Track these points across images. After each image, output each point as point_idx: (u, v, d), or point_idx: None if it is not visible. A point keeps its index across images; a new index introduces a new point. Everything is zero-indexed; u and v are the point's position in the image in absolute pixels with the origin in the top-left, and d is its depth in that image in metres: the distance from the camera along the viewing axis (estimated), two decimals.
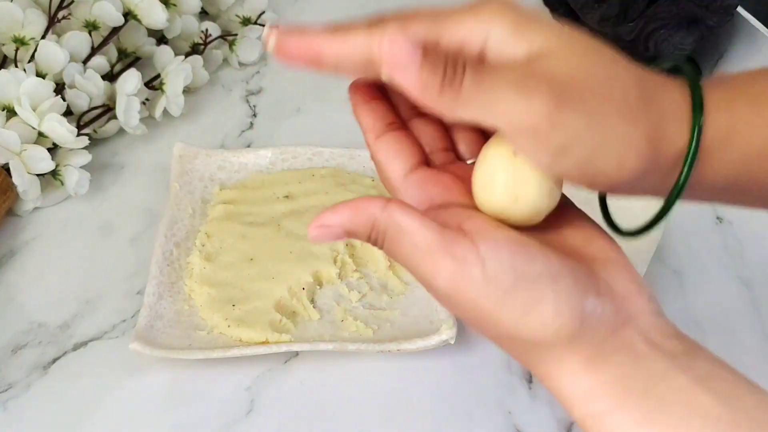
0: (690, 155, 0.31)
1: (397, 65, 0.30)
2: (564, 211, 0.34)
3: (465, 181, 0.34)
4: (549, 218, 0.33)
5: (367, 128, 0.35)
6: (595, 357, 0.30)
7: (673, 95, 0.31)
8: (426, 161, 0.35)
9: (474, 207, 0.33)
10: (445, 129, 0.36)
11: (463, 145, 0.36)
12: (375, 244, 0.31)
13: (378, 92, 0.36)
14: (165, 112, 0.66)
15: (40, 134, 0.59)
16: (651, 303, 0.32)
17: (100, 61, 0.65)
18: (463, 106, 0.29)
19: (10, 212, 0.59)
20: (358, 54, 0.31)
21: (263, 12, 0.74)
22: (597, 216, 0.37)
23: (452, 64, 0.30)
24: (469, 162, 0.35)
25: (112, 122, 0.65)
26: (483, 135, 0.35)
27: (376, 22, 0.32)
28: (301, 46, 0.32)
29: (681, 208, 0.62)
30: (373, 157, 0.35)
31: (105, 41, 0.66)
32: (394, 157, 0.34)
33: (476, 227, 0.30)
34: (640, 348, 0.30)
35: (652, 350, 0.30)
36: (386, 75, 0.30)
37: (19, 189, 0.58)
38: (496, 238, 0.30)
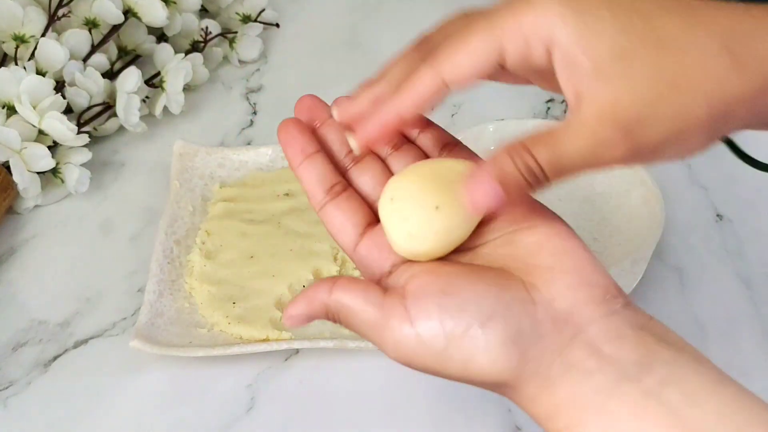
0: None
1: (485, 207, 0.32)
2: (523, 217, 0.34)
3: None
4: (502, 229, 0.34)
5: (310, 195, 0.37)
6: (546, 382, 0.31)
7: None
8: (371, 218, 0.36)
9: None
10: (383, 169, 0.37)
11: None
12: (334, 322, 0.33)
13: (313, 143, 0.37)
14: (165, 109, 0.66)
15: (41, 132, 0.59)
16: (605, 304, 0.32)
17: (100, 59, 0.65)
18: (558, 181, 0.32)
19: (11, 210, 0.59)
20: (430, 95, 0.33)
21: (263, 9, 0.74)
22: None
23: (525, 166, 0.31)
24: None
25: (112, 120, 0.65)
26: None
27: (426, 48, 0.34)
28: (381, 127, 0.34)
29: (681, 206, 0.62)
30: (324, 225, 0.37)
31: (105, 39, 0.66)
32: (342, 229, 0.36)
33: (415, 285, 0.32)
34: (588, 365, 0.31)
35: (602, 365, 0.30)
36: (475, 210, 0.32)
37: (20, 187, 0.58)
38: (426, 296, 0.32)
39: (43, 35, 0.62)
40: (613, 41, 0.30)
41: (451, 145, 0.38)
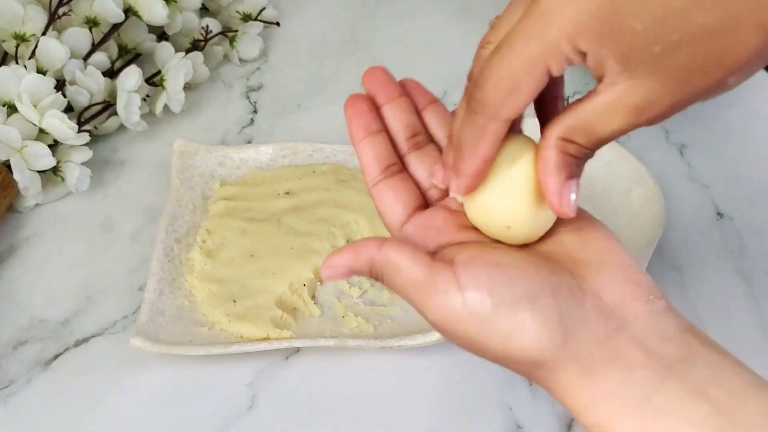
0: None
1: (575, 207, 0.33)
2: (568, 220, 0.34)
3: (458, 215, 0.36)
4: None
5: (366, 170, 0.37)
6: (587, 370, 0.31)
7: None
8: (421, 202, 0.37)
9: (468, 240, 0.35)
10: (440, 158, 0.37)
11: None
12: (376, 279, 0.33)
13: (378, 122, 0.37)
14: (165, 108, 0.66)
15: (41, 131, 0.59)
16: (650, 303, 0.32)
17: (100, 58, 0.65)
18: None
19: (11, 208, 0.59)
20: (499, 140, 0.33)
21: (264, 8, 0.74)
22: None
23: (575, 155, 0.32)
24: None
25: (113, 118, 0.65)
26: None
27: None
28: (477, 174, 0.33)
29: (681, 204, 0.62)
30: (373, 201, 0.37)
31: (105, 38, 0.66)
32: (391, 208, 0.36)
33: (466, 257, 0.32)
34: (634, 357, 0.31)
35: (647, 359, 0.30)
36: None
37: (20, 185, 0.58)
38: (477, 266, 0.31)
39: (43, 34, 0.62)
40: None
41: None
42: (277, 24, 0.76)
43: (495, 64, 0.30)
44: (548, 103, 0.35)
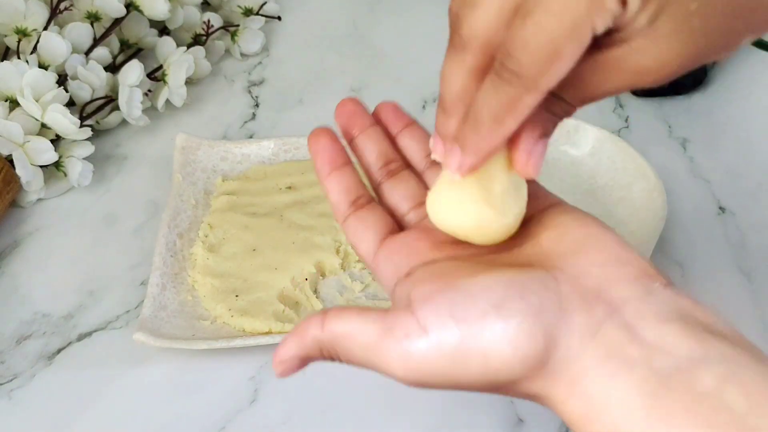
0: None
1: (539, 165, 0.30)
2: (536, 208, 0.32)
3: (431, 232, 0.33)
4: (525, 234, 0.32)
5: (334, 207, 0.36)
6: (579, 375, 0.27)
7: None
8: (394, 228, 0.35)
9: (433, 259, 0.32)
10: (418, 183, 0.36)
11: None
12: (332, 360, 0.31)
13: (342, 155, 0.36)
14: (167, 103, 0.66)
15: (43, 125, 0.59)
16: (637, 283, 0.28)
17: (102, 53, 0.65)
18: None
19: (14, 203, 0.60)
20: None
21: (265, 2, 0.74)
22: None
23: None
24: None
25: (115, 113, 0.65)
26: None
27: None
28: (491, 152, 0.30)
29: (683, 199, 0.62)
30: (346, 237, 0.36)
31: (107, 32, 0.66)
32: (361, 240, 0.34)
33: (425, 291, 0.29)
34: (630, 353, 0.27)
35: (646, 354, 0.26)
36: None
37: (23, 180, 0.58)
38: (435, 295, 0.29)
39: (45, 29, 0.62)
40: None
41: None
42: (279, 18, 0.76)
43: (531, 31, 0.26)
44: None
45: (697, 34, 0.27)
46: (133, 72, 0.62)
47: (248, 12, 0.74)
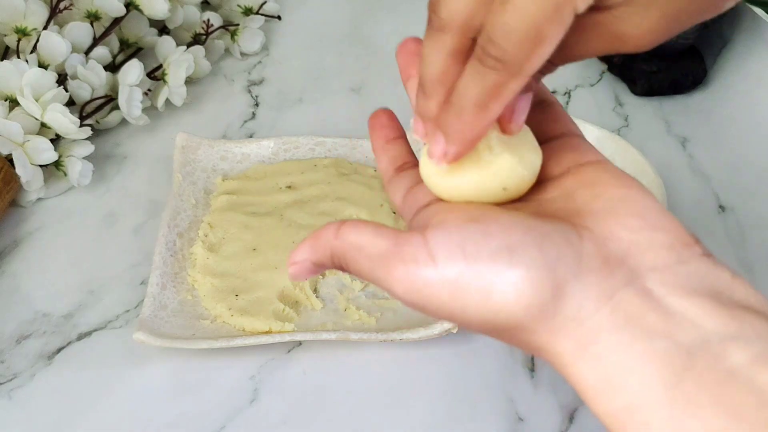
0: None
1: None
2: (576, 162, 0.31)
3: None
4: (561, 188, 0.30)
5: (383, 173, 0.35)
6: (589, 338, 0.26)
7: None
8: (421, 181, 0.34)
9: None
10: None
11: None
12: (341, 269, 0.30)
13: (396, 131, 0.36)
14: (167, 102, 0.66)
15: (43, 125, 0.59)
16: (670, 252, 0.27)
17: (102, 52, 0.65)
18: None
19: (14, 203, 0.60)
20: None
21: (265, 2, 0.74)
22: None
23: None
24: None
25: (115, 113, 0.65)
26: None
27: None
28: (476, 139, 0.29)
29: (683, 195, 0.62)
30: (389, 197, 0.35)
31: (107, 32, 0.66)
32: (397, 192, 0.34)
33: (442, 219, 0.29)
34: (650, 322, 0.25)
35: (669, 325, 0.24)
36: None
37: (23, 180, 0.58)
38: (451, 224, 0.28)
39: (44, 28, 0.62)
40: None
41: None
42: (279, 18, 0.76)
43: (511, 16, 0.26)
44: None
45: (673, 5, 0.27)
46: (133, 71, 0.62)
47: (248, 11, 0.74)
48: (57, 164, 0.60)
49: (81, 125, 0.60)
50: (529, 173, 0.30)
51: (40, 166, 0.59)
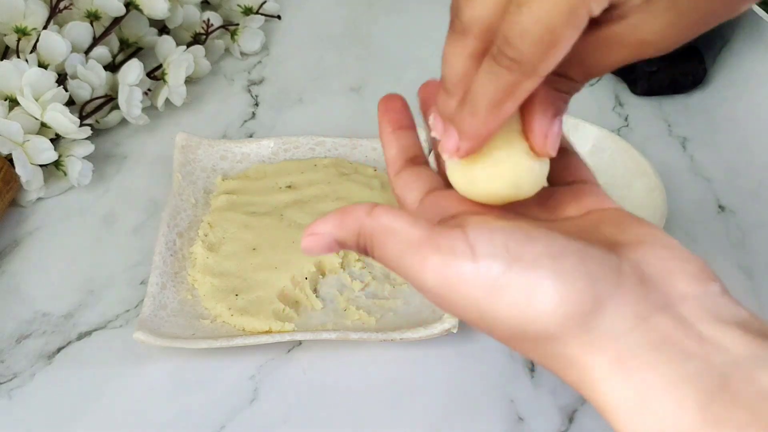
0: None
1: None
2: (596, 206, 0.32)
3: None
4: (576, 213, 0.31)
5: (390, 162, 0.35)
6: (627, 354, 0.25)
7: None
8: (442, 187, 0.34)
9: (486, 212, 0.31)
10: None
11: None
12: (364, 251, 0.29)
13: (408, 119, 0.36)
14: (167, 102, 0.66)
15: (43, 125, 0.59)
16: (698, 283, 0.27)
17: (101, 52, 0.65)
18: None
19: (14, 203, 0.60)
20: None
21: (265, 1, 0.74)
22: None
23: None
24: None
25: (115, 112, 0.65)
26: None
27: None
28: (488, 136, 0.30)
29: (683, 197, 0.62)
30: (393, 191, 0.35)
31: (107, 31, 0.66)
32: (410, 190, 0.34)
33: (476, 221, 0.28)
34: (686, 346, 0.25)
35: (705, 349, 0.25)
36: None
37: (22, 179, 0.58)
38: (492, 224, 0.27)
39: (44, 28, 0.62)
40: None
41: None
42: (278, 17, 0.76)
43: (526, 18, 0.26)
44: None
45: (695, 4, 0.27)
46: (133, 71, 0.62)
47: (248, 11, 0.74)
48: (57, 164, 0.60)
49: (81, 125, 0.60)
50: (543, 169, 0.31)
51: (40, 165, 0.59)
